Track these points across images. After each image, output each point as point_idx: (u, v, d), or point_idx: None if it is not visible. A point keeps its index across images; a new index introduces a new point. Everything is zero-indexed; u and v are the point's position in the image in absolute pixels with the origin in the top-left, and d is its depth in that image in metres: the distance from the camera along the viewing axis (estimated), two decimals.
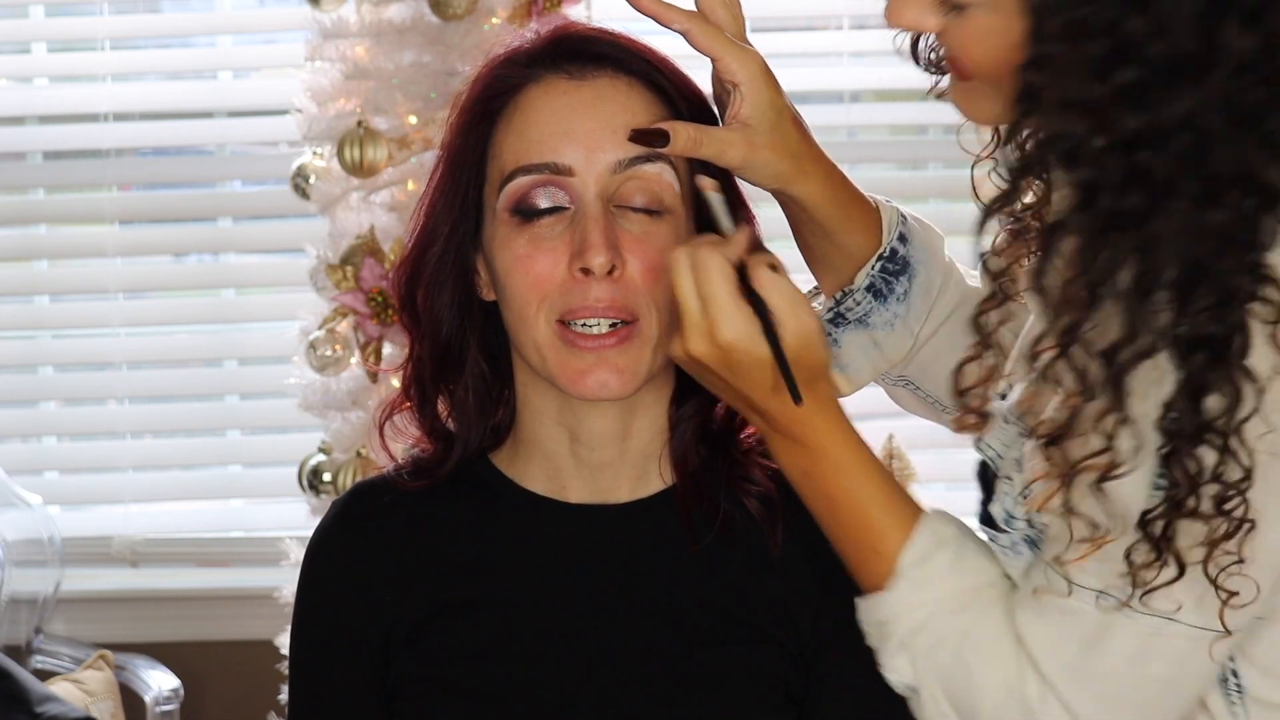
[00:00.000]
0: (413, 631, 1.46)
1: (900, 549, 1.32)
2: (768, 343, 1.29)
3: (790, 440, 1.33)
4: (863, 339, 1.51)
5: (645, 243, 1.40)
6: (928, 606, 1.31)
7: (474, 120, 1.45)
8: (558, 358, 1.40)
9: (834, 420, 1.33)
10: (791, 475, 1.36)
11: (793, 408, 1.30)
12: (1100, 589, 1.25)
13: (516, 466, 1.50)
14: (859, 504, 1.33)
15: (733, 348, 1.29)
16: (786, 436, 1.33)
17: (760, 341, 1.29)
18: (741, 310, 1.29)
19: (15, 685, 2.97)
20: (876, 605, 1.33)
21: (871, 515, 1.33)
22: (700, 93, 1.46)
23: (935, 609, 1.31)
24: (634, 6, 1.40)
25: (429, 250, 1.47)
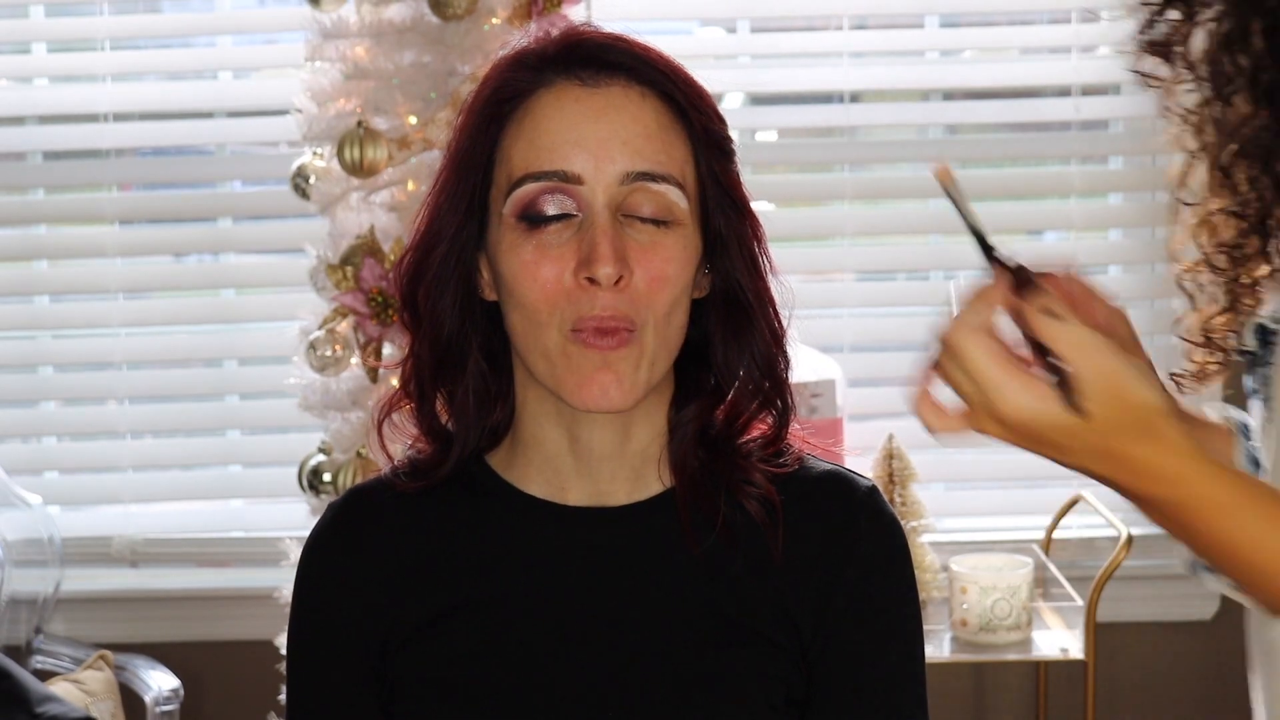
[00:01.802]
0: (410, 635, 1.46)
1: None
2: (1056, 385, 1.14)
3: (1147, 504, 1.19)
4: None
5: (652, 252, 1.39)
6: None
7: (483, 122, 1.45)
8: (565, 364, 1.40)
9: (1192, 463, 1.17)
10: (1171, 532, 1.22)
11: (1137, 468, 1.16)
12: None
13: (514, 469, 1.50)
14: (1256, 541, 1.18)
15: (1022, 423, 1.15)
16: (1143, 500, 1.19)
17: (1051, 404, 1.14)
18: (1014, 380, 1.15)
19: (15, 685, 2.97)
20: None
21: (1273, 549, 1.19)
22: (712, 103, 1.45)
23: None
24: None
25: (433, 251, 1.46)
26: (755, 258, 1.47)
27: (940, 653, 2.86)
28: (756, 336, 1.47)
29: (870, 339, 3.40)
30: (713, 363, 1.48)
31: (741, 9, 3.45)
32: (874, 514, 1.45)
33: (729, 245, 1.45)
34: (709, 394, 1.48)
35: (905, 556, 1.48)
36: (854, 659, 1.43)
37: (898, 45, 3.46)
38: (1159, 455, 1.16)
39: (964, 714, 3.44)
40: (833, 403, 2.98)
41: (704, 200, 1.45)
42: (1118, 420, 1.14)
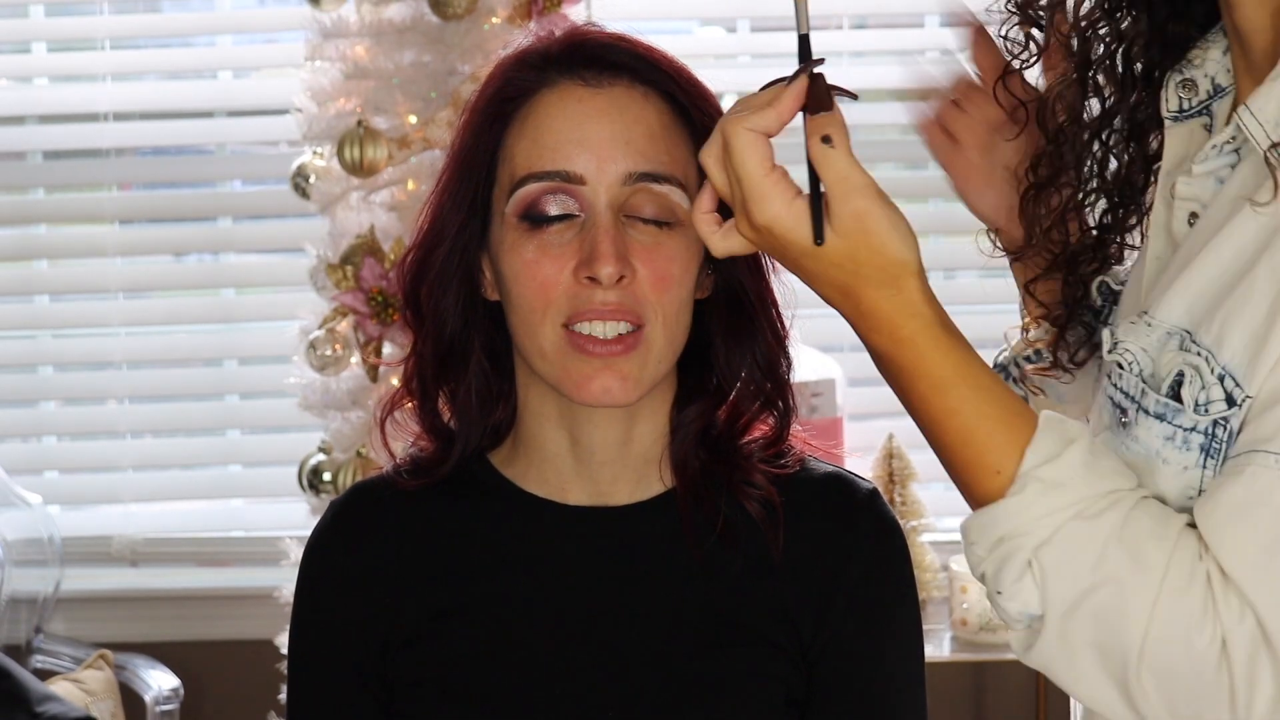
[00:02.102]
0: (411, 634, 1.46)
1: (1021, 455, 1.15)
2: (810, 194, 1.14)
3: (877, 354, 1.20)
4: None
5: (655, 252, 1.39)
6: (1062, 512, 1.14)
7: (486, 121, 1.44)
8: (564, 363, 1.40)
9: (924, 328, 1.17)
10: (897, 392, 1.23)
11: (872, 315, 1.16)
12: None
13: (516, 467, 1.50)
14: (967, 422, 1.17)
15: (769, 230, 1.16)
16: (873, 349, 1.20)
17: (803, 225, 1.15)
18: (776, 188, 1.15)
19: (15, 685, 2.97)
20: (995, 519, 1.15)
21: (984, 431, 1.17)
22: (715, 103, 1.45)
23: (1071, 514, 1.14)
24: None
25: (435, 250, 1.46)
26: (757, 258, 1.47)
27: (940, 653, 2.86)
28: (758, 337, 1.46)
29: None
30: (714, 363, 1.48)
31: (741, 9, 3.45)
32: (874, 517, 1.45)
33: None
34: (711, 394, 1.48)
35: (905, 559, 1.48)
36: (854, 660, 1.43)
37: (898, 45, 3.46)
38: (892, 308, 1.16)
39: (964, 714, 3.44)
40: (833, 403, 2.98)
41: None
42: (859, 261, 1.15)
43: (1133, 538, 1.13)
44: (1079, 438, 1.17)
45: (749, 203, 1.16)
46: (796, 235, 1.15)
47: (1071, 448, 1.16)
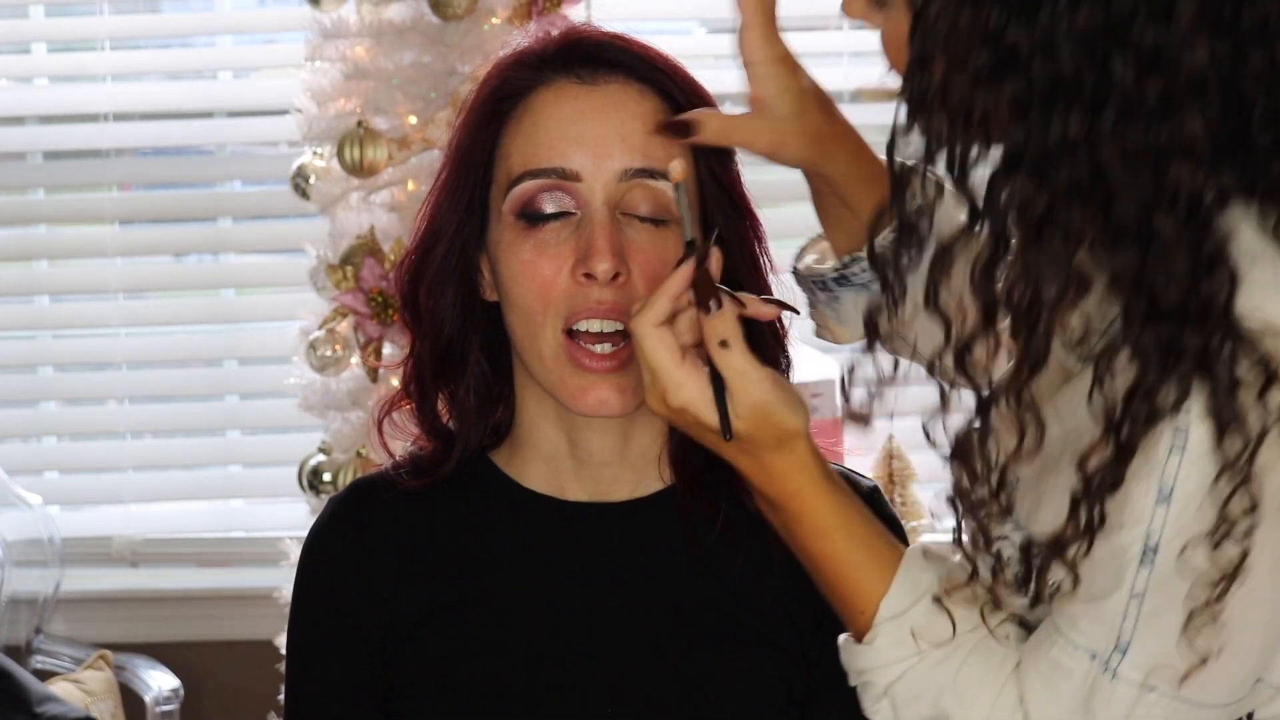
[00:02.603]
0: (410, 630, 1.46)
1: (879, 603, 1.31)
2: (714, 396, 1.30)
3: (766, 501, 1.34)
4: (862, 301, 1.48)
5: (649, 252, 1.39)
6: (909, 659, 1.30)
7: (482, 121, 1.45)
8: (561, 374, 1.40)
9: (809, 483, 1.32)
10: (775, 527, 1.36)
11: (765, 470, 1.31)
12: (1093, 650, 1.23)
13: (515, 465, 1.50)
14: (841, 567, 1.32)
15: (684, 411, 1.30)
16: (763, 497, 1.34)
17: (710, 405, 1.30)
18: (688, 377, 1.30)
19: (15, 685, 2.97)
20: (855, 657, 1.33)
21: (855, 577, 1.32)
22: (711, 102, 1.45)
23: (917, 660, 1.30)
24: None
25: (433, 250, 1.46)
26: (756, 257, 1.47)
27: None
28: (757, 337, 1.46)
29: None
30: None
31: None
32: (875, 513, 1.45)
33: (729, 245, 1.45)
34: None
35: None
36: None
37: None
38: (785, 465, 1.31)
39: None
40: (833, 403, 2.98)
41: (703, 199, 1.45)
42: (759, 438, 1.30)
43: (965, 683, 1.28)
44: (929, 588, 1.30)
45: (666, 391, 1.30)
46: (708, 417, 1.30)
47: (919, 604, 1.30)
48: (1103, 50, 1.12)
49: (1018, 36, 1.13)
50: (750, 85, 1.40)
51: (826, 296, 1.49)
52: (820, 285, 1.50)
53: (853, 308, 1.50)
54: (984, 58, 1.14)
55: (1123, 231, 1.14)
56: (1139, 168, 1.13)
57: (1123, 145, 1.13)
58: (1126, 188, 1.13)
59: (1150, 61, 1.11)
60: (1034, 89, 1.13)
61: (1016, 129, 1.15)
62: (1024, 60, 1.13)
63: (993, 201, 1.17)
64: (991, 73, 1.14)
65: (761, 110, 1.39)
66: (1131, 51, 1.11)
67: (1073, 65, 1.12)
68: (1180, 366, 1.14)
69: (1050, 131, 1.13)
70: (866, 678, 1.32)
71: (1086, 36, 1.12)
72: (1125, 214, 1.14)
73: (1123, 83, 1.12)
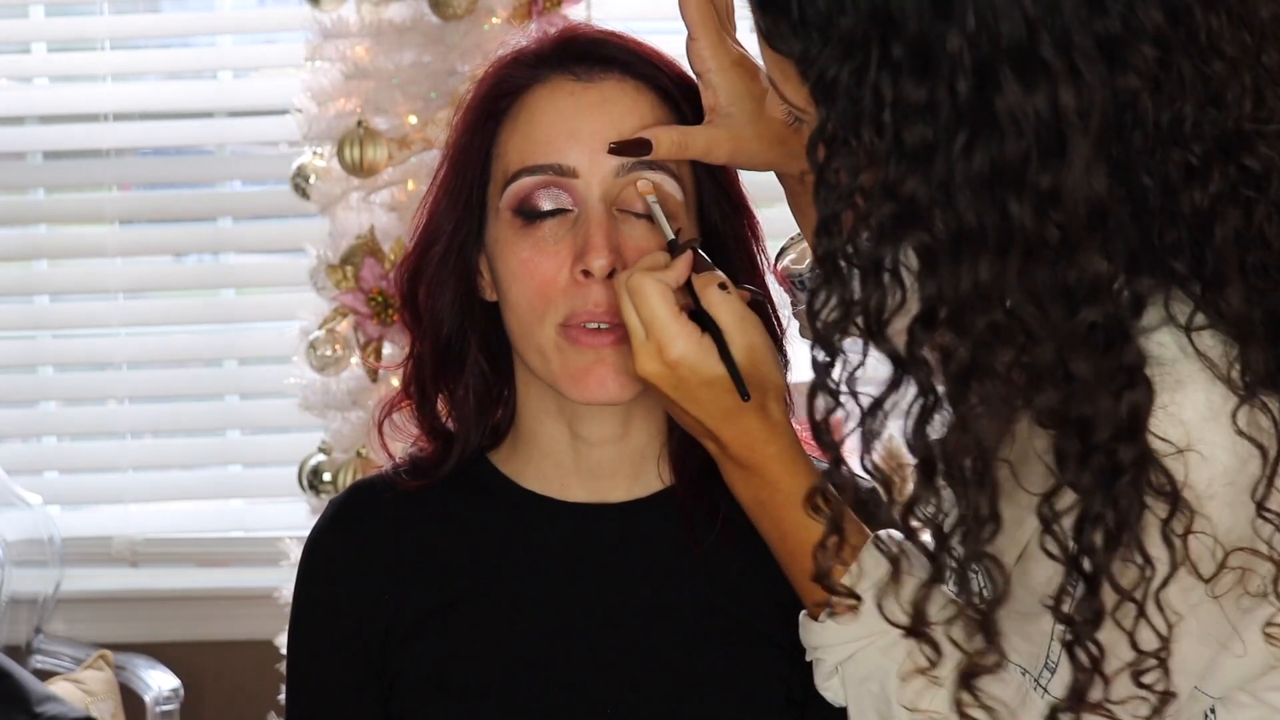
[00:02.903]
0: (410, 630, 1.46)
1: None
2: (719, 354, 1.30)
3: (742, 469, 1.34)
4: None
5: (646, 250, 1.39)
6: (857, 642, 1.32)
7: (479, 119, 1.45)
8: (560, 359, 1.40)
9: (786, 449, 1.34)
10: (744, 502, 1.36)
11: (746, 434, 1.32)
12: (1023, 666, 1.24)
13: (515, 465, 1.50)
14: (809, 536, 1.32)
15: (679, 364, 1.31)
16: (739, 464, 1.34)
17: (708, 359, 1.31)
18: (685, 328, 1.31)
19: (15, 685, 2.97)
20: (810, 633, 1.35)
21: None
22: None
23: (865, 644, 1.32)
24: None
25: (431, 249, 1.46)
26: (753, 255, 1.47)
27: None
28: None
29: None
30: None
31: (742, 9, 3.45)
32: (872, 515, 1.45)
33: (726, 242, 1.45)
34: None
35: None
36: None
37: None
38: (762, 428, 1.33)
39: None
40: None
41: (700, 197, 1.45)
42: (752, 386, 1.31)
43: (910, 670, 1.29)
44: (883, 577, 1.29)
45: (662, 344, 1.31)
46: (704, 367, 1.31)
47: (872, 589, 1.30)
48: (1000, 195, 1.11)
49: (915, 189, 1.13)
50: (703, 95, 1.40)
51: (806, 296, 1.49)
52: (799, 285, 1.50)
53: None
54: (886, 211, 1.14)
55: (1043, 373, 1.14)
56: (1050, 307, 1.13)
57: (1032, 288, 1.12)
58: (1042, 329, 1.13)
59: (1048, 202, 1.11)
60: (938, 239, 1.13)
61: (927, 280, 1.14)
62: (924, 211, 1.13)
63: (915, 355, 1.16)
64: (895, 226, 1.14)
65: (718, 119, 1.39)
66: (1028, 194, 1.11)
67: (973, 213, 1.12)
68: (1120, 482, 1.14)
69: (961, 281, 1.13)
70: (819, 654, 1.34)
71: (982, 183, 1.11)
72: (1043, 356, 1.13)
73: (1023, 226, 1.11)
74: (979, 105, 1.10)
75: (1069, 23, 1.10)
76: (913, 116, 1.12)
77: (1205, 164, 1.13)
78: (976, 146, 1.11)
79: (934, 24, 1.11)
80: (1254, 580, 1.18)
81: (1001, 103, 1.10)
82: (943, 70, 1.11)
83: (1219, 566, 1.16)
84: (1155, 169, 1.13)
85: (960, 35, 1.10)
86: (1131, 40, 1.11)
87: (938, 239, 1.13)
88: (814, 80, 1.15)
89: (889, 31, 1.12)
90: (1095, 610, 1.16)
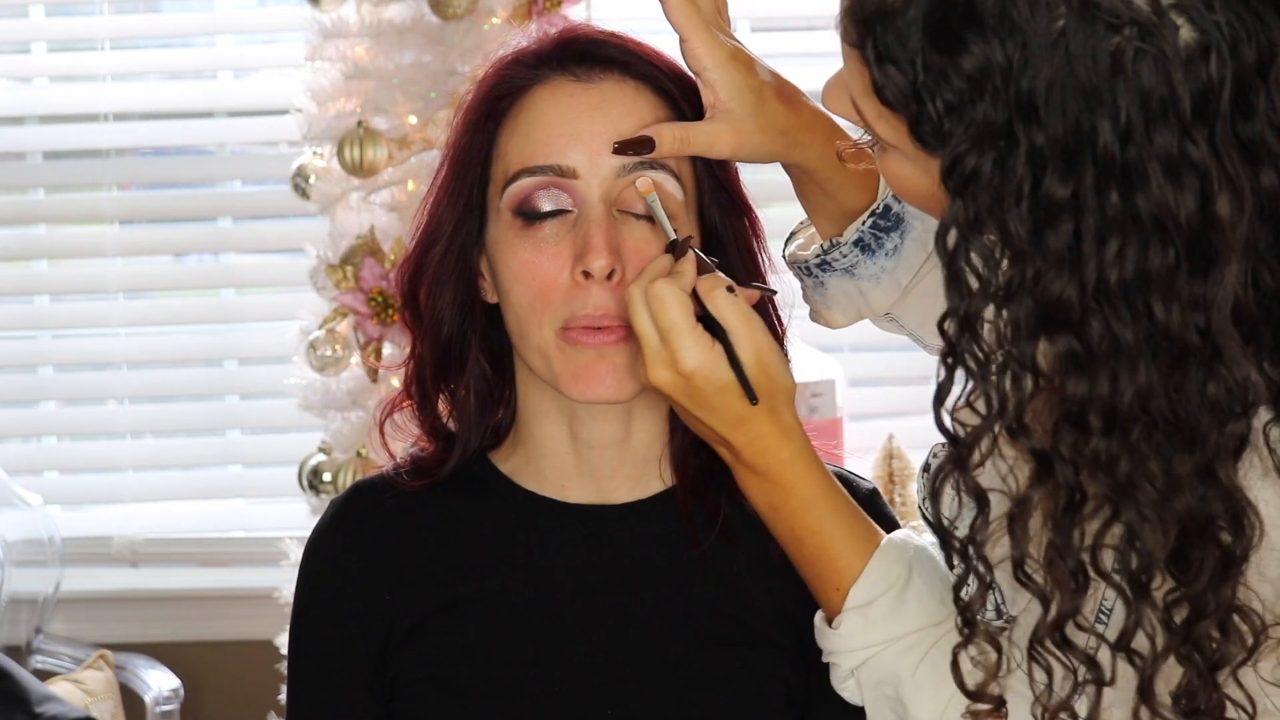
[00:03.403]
0: (411, 631, 1.46)
1: (850, 587, 1.33)
2: (728, 360, 1.30)
3: (756, 474, 1.34)
4: (848, 286, 1.49)
5: (645, 251, 1.39)
6: (872, 646, 1.33)
7: (479, 120, 1.45)
8: (560, 358, 1.40)
9: (799, 453, 1.34)
10: (759, 507, 1.36)
11: (759, 440, 1.32)
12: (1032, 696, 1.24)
13: (516, 466, 1.50)
14: (823, 541, 1.34)
15: (693, 374, 1.30)
16: (753, 470, 1.34)
17: (720, 367, 1.31)
18: (700, 338, 1.30)
19: (15, 685, 2.97)
20: (825, 637, 1.36)
21: (834, 552, 1.34)
22: None
23: (880, 649, 1.33)
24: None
25: (432, 249, 1.46)
26: (754, 254, 1.47)
27: None
28: None
29: (870, 339, 3.37)
30: None
31: (741, 9, 3.43)
32: (874, 516, 1.45)
33: (726, 242, 1.45)
34: None
35: None
36: None
37: None
38: (776, 432, 1.33)
39: None
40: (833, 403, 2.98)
41: (700, 196, 1.45)
42: (761, 391, 1.31)
43: (924, 677, 1.31)
44: (897, 581, 1.32)
45: (676, 353, 1.30)
46: (716, 375, 1.30)
47: (887, 594, 1.32)
48: (1148, 301, 1.10)
49: (1064, 290, 1.10)
50: (703, 93, 1.40)
51: (813, 282, 1.49)
52: (806, 271, 1.50)
53: (839, 292, 1.50)
54: (1027, 308, 1.12)
55: (1181, 485, 1.13)
56: (1202, 418, 1.11)
57: (1186, 398, 1.11)
58: (1193, 439, 1.11)
59: (1197, 309, 1.10)
60: (1088, 343, 1.11)
61: (1078, 382, 1.12)
62: (1074, 314, 1.11)
63: (1061, 454, 1.14)
64: (1038, 325, 1.12)
65: (719, 113, 1.39)
66: (1177, 300, 1.09)
67: (1128, 319, 1.10)
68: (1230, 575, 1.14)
69: (1122, 389, 1.11)
70: (835, 659, 1.35)
71: (1135, 289, 1.10)
72: (1184, 470, 1.12)
73: (1169, 332, 1.10)
74: (1125, 208, 1.09)
75: (1218, 124, 1.08)
76: (1057, 214, 1.10)
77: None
78: (1128, 251, 1.09)
79: (1083, 118, 1.08)
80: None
81: (1148, 206, 1.08)
82: (1091, 168, 1.09)
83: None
84: (1272, 265, 1.12)
85: (1112, 132, 1.08)
86: (1273, 140, 1.09)
87: (1087, 342, 1.11)
88: (945, 165, 1.13)
89: (1033, 121, 1.09)
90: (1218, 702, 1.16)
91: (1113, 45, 1.07)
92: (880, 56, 1.14)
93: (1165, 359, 1.10)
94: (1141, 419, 1.11)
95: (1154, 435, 1.12)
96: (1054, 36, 1.08)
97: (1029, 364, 1.13)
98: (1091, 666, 1.19)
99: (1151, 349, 1.10)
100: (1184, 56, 1.07)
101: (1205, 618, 1.14)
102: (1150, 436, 1.12)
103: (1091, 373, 1.12)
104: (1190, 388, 1.11)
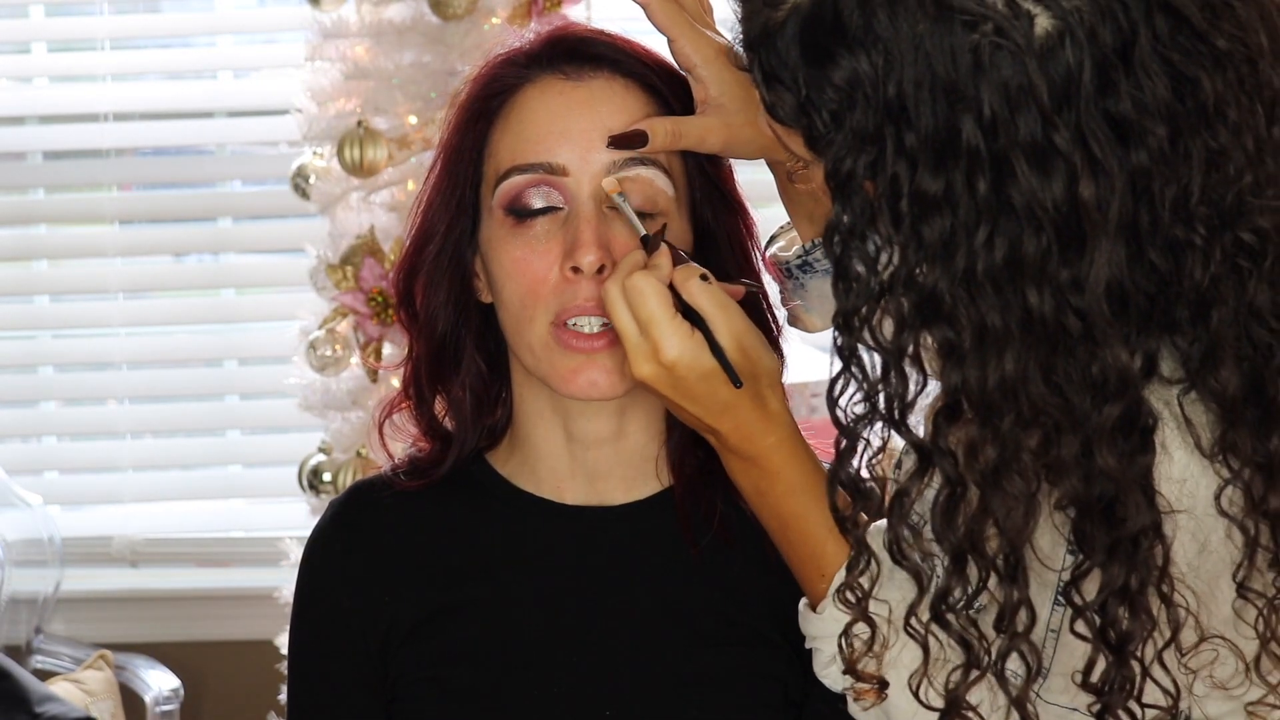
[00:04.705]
0: (410, 632, 1.46)
1: (834, 573, 1.33)
2: (709, 346, 1.30)
3: (743, 460, 1.34)
4: (828, 287, 1.50)
5: (634, 245, 1.39)
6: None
7: (471, 119, 1.45)
8: (551, 358, 1.40)
9: (785, 439, 1.34)
10: (745, 492, 1.37)
11: (745, 425, 1.32)
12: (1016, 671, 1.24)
13: (513, 467, 1.50)
14: (808, 526, 1.33)
15: (676, 364, 1.31)
16: (740, 456, 1.34)
17: (701, 355, 1.31)
18: (680, 326, 1.31)
19: (15, 685, 2.97)
20: (809, 622, 1.36)
21: (818, 538, 1.33)
22: None
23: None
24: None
25: (426, 248, 1.47)
26: (747, 253, 1.47)
27: None
28: None
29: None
30: None
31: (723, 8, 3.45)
32: None
33: (718, 240, 1.45)
34: None
35: None
36: None
37: None
38: (761, 418, 1.33)
39: None
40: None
41: (692, 193, 1.45)
42: (744, 374, 1.31)
43: (907, 662, 1.29)
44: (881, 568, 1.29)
45: (658, 343, 1.30)
46: (699, 363, 1.31)
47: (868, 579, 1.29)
48: (1020, 287, 1.11)
49: (937, 281, 1.13)
50: (694, 90, 1.40)
51: (794, 284, 1.50)
52: (787, 273, 1.50)
53: (820, 294, 1.50)
54: (908, 301, 1.14)
55: (1068, 464, 1.14)
56: (1075, 401, 1.13)
57: (1056, 382, 1.12)
58: (1068, 422, 1.13)
59: (1070, 293, 1.11)
60: (961, 332, 1.13)
61: (951, 372, 1.14)
62: (947, 304, 1.13)
63: (940, 445, 1.17)
64: (916, 317, 1.15)
65: (710, 108, 1.40)
66: (1049, 286, 1.11)
67: (997, 306, 1.12)
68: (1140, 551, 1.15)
69: (988, 375, 1.13)
70: (818, 644, 1.35)
71: (1004, 276, 1.11)
72: (1069, 448, 1.13)
73: (1043, 318, 1.11)
74: (997, 197, 1.10)
75: (1082, 108, 1.10)
76: (930, 208, 1.12)
77: (1208, 241, 1.13)
78: (996, 240, 1.11)
79: (948, 115, 1.11)
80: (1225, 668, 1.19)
81: (1019, 195, 1.10)
82: (960, 162, 1.11)
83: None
84: (1161, 245, 1.13)
85: (976, 127, 1.10)
86: (1142, 119, 1.10)
87: (960, 332, 1.13)
88: (828, 171, 1.15)
89: (902, 123, 1.12)
90: (1126, 679, 1.17)
91: (971, 43, 1.10)
92: (767, 77, 1.19)
93: (1043, 344, 1.12)
94: (1011, 407, 1.13)
95: (1030, 421, 1.13)
96: (915, 40, 1.11)
97: (906, 356, 1.16)
98: (965, 647, 1.20)
99: (1027, 335, 1.12)
100: (1042, 46, 1.09)
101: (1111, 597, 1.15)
102: (1023, 424, 1.13)
103: (965, 362, 1.13)
104: (1072, 370, 1.12)
